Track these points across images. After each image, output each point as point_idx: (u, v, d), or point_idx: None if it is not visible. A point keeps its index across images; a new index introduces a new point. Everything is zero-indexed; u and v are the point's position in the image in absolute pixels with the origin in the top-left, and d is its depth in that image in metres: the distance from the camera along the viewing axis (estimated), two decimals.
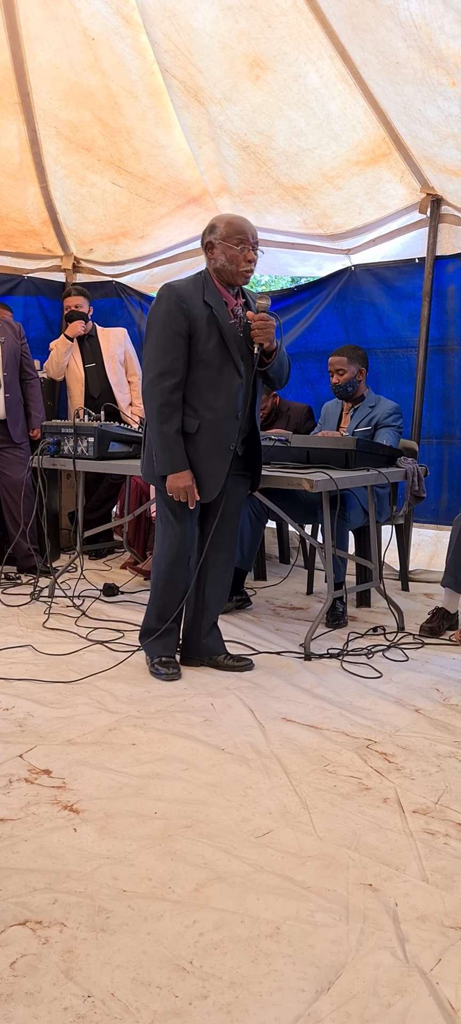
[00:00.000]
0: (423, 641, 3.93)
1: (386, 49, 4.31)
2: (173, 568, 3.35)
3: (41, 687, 3.18)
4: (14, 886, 1.83)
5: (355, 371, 4.60)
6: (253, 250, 3.25)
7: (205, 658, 3.49)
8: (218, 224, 3.28)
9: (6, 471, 5.05)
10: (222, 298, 3.26)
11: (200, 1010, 1.47)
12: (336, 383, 4.62)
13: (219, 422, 3.24)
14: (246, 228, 3.25)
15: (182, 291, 3.22)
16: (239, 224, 3.26)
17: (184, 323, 3.18)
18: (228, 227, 3.24)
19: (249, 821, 2.17)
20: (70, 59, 5.27)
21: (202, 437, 3.24)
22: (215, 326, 3.21)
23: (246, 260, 3.23)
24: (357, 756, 2.61)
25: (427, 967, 1.59)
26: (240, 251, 3.21)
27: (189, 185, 5.94)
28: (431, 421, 5.43)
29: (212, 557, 3.45)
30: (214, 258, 3.26)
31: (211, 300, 3.22)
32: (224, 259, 3.23)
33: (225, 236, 3.23)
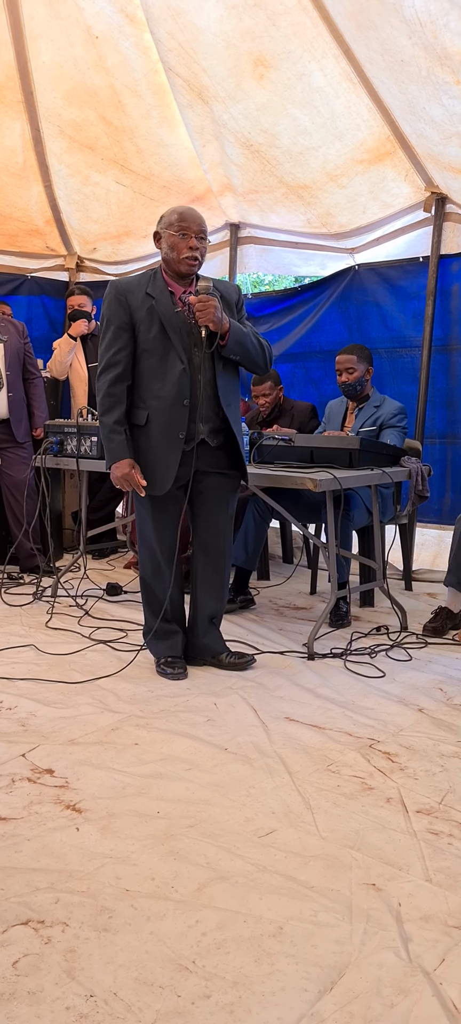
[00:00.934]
0: (426, 641, 3.92)
1: (391, 47, 4.30)
2: (152, 562, 3.39)
3: (44, 686, 3.18)
4: (16, 885, 1.83)
5: (363, 370, 4.58)
6: (197, 238, 3.22)
7: (207, 658, 3.48)
8: (165, 214, 3.29)
9: (9, 471, 5.05)
10: (167, 288, 3.27)
11: (203, 1010, 1.46)
12: (345, 381, 4.60)
13: (166, 410, 3.22)
14: (190, 217, 3.24)
15: (123, 285, 3.30)
16: (183, 213, 3.25)
17: (124, 315, 3.22)
18: (173, 216, 3.24)
19: (252, 821, 2.16)
20: (74, 58, 5.27)
21: (152, 427, 3.25)
22: (156, 315, 3.21)
23: (188, 247, 3.22)
24: (360, 756, 2.60)
25: (430, 967, 1.59)
26: (181, 239, 3.21)
27: (193, 184, 5.94)
28: (434, 421, 5.42)
29: (200, 557, 3.46)
30: (160, 247, 3.29)
31: (155, 292, 3.24)
32: (167, 247, 3.25)
33: (168, 224, 3.24)
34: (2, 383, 5.06)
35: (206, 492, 3.39)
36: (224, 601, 3.57)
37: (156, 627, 3.41)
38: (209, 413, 3.29)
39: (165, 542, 3.36)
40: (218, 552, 3.46)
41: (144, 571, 3.45)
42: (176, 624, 3.47)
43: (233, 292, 3.43)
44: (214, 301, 3.15)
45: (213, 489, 3.39)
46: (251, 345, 3.32)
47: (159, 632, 3.43)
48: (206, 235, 3.30)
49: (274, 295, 6.73)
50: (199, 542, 3.45)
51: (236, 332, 3.25)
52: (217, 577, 3.48)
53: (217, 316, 3.16)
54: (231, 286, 3.49)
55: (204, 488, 3.38)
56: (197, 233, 3.23)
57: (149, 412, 3.24)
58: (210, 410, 3.29)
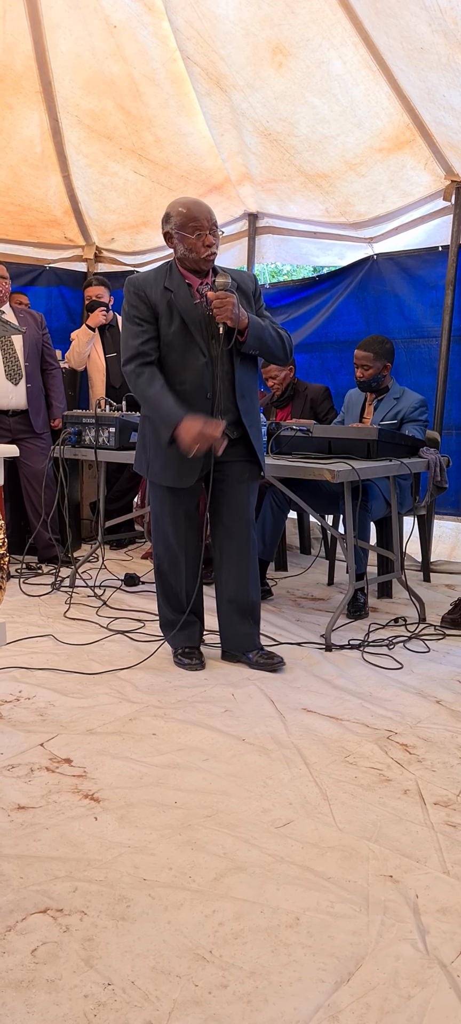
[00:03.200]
0: (444, 632, 3.91)
1: (410, 34, 4.27)
2: (169, 557, 3.37)
3: (62, 676, 3.19)
4: (35, 874, 1.84)
5: (380, 367, 4.55)
6: (211, 233, 3.18)
7: (239, 653, 3.42)
8: (172, 213, 3.22)
9: (27, 461, 5.08)
10: (185, 281, 3.23)
11: (220, 999, 1.47)
12: (360, 378, 4.58)
13: (188, 403, 3.16)
14: (200, 213, 3.18)
15: (140, 281, 3.24)
16: (192, 210, 3.19)
17: (145, 310, 3.19)
18: (181, 215, 3.18)
19: (269, 812, 2.17)
20: (92, 47, 5.27)
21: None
22: (176, 310, 3.18)
23: (205, 246, 3.17)
24: (378, 747, 2.59)
25: (448, 959, 1.58)
26: (197, 238, 3.16)
27: (211, 173, 5.93)
28: (451, 412, 5.38)
29: (225, 548, 3.41)
30: (174, 247, 3.25)
31: (172, 285, 3.21)
32: (183, 248, 3.20)
33: (179, 225, 3.19)
34: (21, 374, 5.08)
35: (227, 480, 3.35)
36: (258, 590, 3.48)
37: (173, 618, 3.40)
38: (228, 405, 3.26)
39: (182, 533, 3.35)
40: (243, 540, 3.40)
41: (160, 563, 3.43)
42: (193, 614, 3.44)
43: (249, 282, 3.39)
44: (232, 298, 3.11)
45: (234, 477, 3.35)
46: (269, 338, 3.29)
47: (171, 623, 3.41)
48: (217, 224, 3.25)
49: (291, 285, 6.70)
50: (223, 531, 3.40)
51: (255, 327, 3.21)
52: (244, 565, 3.40)
53: (235, 313, 3.12)
54: (247, 276, 3.44)
55: (225, 477, 3.34)
56: (210, 228, 3.18)
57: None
58: (229, 402, 3.26)
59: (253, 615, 3.44)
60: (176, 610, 3.41)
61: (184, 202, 3.25)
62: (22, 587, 4.59)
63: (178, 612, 3.40)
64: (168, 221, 3.24)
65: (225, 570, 3.41)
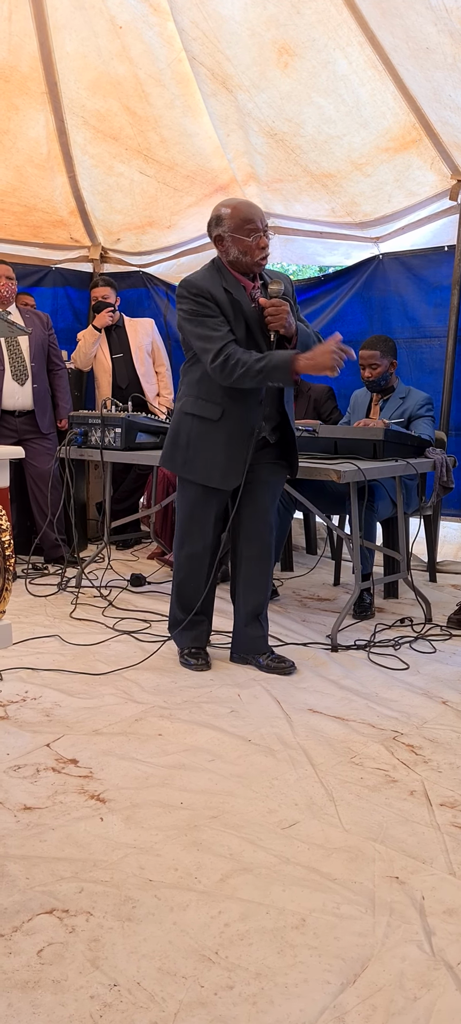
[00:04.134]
0: (451, 633, 3.90)
1: (416, 34, 4.26)
2: (193, 560, 3.33)
3: (68, 676, 3.20)
4: (41, 875, 1.85)
5: (387, 364, 4.55)
6: (265, 234, 3.13)
7: (249, 656, 3.40)
8: (224, 214, 3.14)
9: (33, 461, 5.08)
10: (240, 284, 3.17)
11: (226, 1000, 1.47)
12: (369, 377, 4.57)
13: (242, 406, 3.16)
14: (254, 214, 3.13)
15: (199, 282, 3.15)
16: (246, 211, 3.13)
17: (214, 307, 3.10)
18: (235, 217, 3.11)
19: (275, 812, 2.17)
20: (98, 48, 5.27)
21: (225, 423, 3.18)
22: (240, 311, 3.13)
23: (259, 248, 3.11)
24: (384, 748, 2.59)
25: (454, 961, 1.58)
26: (252, 241, 3.10)
27: (217, 173, 5.93)
28: (458, 412, 5.37)
29: (245, 551, 3.38)
30: (225, 251, 3.16)
31: (230, 287, 3.14)
32: (237, 251, 3.13)
33: (234, 228, 3.11)
34: (27, 374, 5.09)
35: (254, 482, 3.30)
36: (268, 594, 3.47)
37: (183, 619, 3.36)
38: (272, 411, 3.26)
39: (211, 536, 3.31)
40: (264, 545, 3.38)
41: (180, 563, 3.38)
42: (203, 614, 3.42)
43: (290, 286, 3.32)
44: (286, 306, 3.08)
45: (261, 481, 3.32)
46: (313, 344, 3.25)
47: (182, 622, 3.39)
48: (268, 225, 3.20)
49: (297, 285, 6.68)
50: (244, 534, 3.36)
51: (302, 335, 3.19)
52: (262, 570, 3.39)
53: (289, 321, 3.10)
54: (285, 278, 3.34)
55: (252, 479, 3.29)
56: (264, 230, 3.13)
57: (224, 408, 3.16)
58: (272, 408, 3.26)
59: (263, 614, 3.43)
60: (188, 611, 3.38)
61: (236, 204, 3.18)
62: (28, 587, 4.60)
63: (188, 612, 3.37)
64: (219, 223, 3.15)
65: (242, 572, 3.39)
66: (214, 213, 3.19)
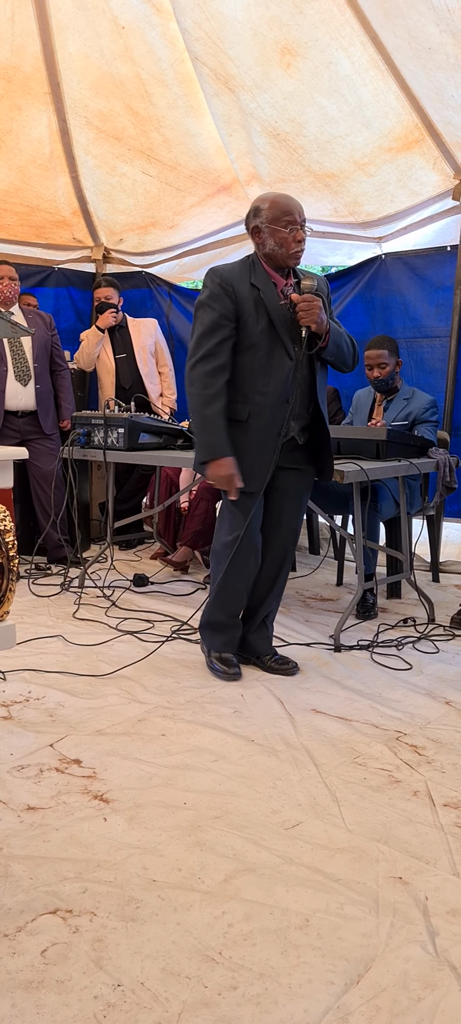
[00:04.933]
0: (454, 633, 3.90)
1: (418, 34, 4.26)
2: (238, 560, 3.20)
3: (71, 676, 3.20)
4: (45, 875, 1.85)
5: (394, 363, 4.55)
6: (302, 228, 3.07)
7: (252, 656, 3.38)
8: (262, 206, 3.09)
9: (37, 462, 5.09)
10: (270, 279, 3.11)
11: (229, 1001, 1.47)
12: (378, 377, 4.56)
13: (269, 407, 3.08)
14: (293, 207, 3.07)
15: (227, 274, 3.09)
16: (285, 203, 3.07)
17: (230, 305, 3.04)
18: (274, 208, 3.06)
19: (278, 813, 2.17)
20: (100, 48, 5.27)
21: (252, 424, 3.10)
22: (263, 308, 3.06)
23: (296, 241, 3.06)
24: (387, 748, 2.59)
25: (458, 961, 1.58)
26: (289, 232, 3.04)
27: (219, 174, 5.93)
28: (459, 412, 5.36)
29: (268, 557, 3.31)
30: (262, 242, 3.11)
31: (259, 282, 3.08)
32: (273, 243, 3.08)
33: (271, 219, 3.06)
34: (30, 375, 5.09)
35: (282, 489, 3.25)
36: (279, 601, 3.45)
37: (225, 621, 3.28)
38: (301, 411, 3.19)
39: (252, 538, 3.22)
40: (286, 553, 3.34)
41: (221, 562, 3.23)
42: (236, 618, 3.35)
43: (325, 287, 3.27)
44: (318, 302, 3.03)
45: (289, 487, 3.26)
46: (345, 345, 3.22)
47: (218, 624, 3.30)
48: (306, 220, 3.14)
49: None
50: (266, 539, 3.30)
51: (334, 333, 3.14)
52: (278, 577, 3.35)
53: (321, 317, 3.04)
54: (322, 280, 3.28)
55: (280, 484, 3.24)
56: (302, 224, 3.08)
57: (251, 408, 3.09)
58: (302, 408, 3.19)
59: (271, 619, 3.42)
60: (231, 615, 3.30)
61: (275, 196, 3.13)
62: (31, 588, 4.60)
63: (232, 617, 3.30)
64: (257, 215, 3.10)
65: (263, 576, 3.33)
66: (253, 205, 3.15)
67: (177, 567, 5.10)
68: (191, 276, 7.08)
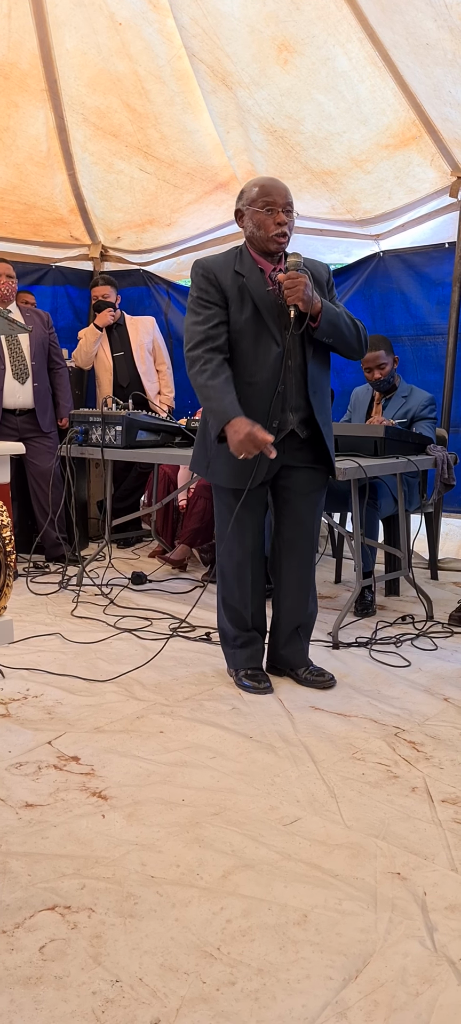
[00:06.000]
0: (452, 630, 3.90)
1: (416, 30, 4.26)
2: (236, 572, 3.11)
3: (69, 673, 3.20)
4: (43, 871, 1.85)
5: (392, 362, 4.55)
6: (284, 212, 2.95)
7: (286, 668, 3.22)
8: (246, 189, 3.02)
9: (34, 460, 5.09)
10: (257, 266, 3.00)
11: (228, 996, 1.47)
12: (378, 379, 4.55)
13: (259, 397, 2.95)
14: (274, 189, 2.96)
15: (209, 263, 3.03)
16: (267, 185, 2.98)
17: (215, 294, 2.95)
18: (255, 191, 2.97)
19: (277, 809, 2.17)
20: (97, 45, 5.26)
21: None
22: (248, 295, 2.95)
23: (275, 223, 2.94)
24: (385, 745, 2.59)
25: (456, 956, 1.58)
26: (268, 215, 2.94)
27: (217, 171, 5.92)
28: (459, 409, 5.37)
29: (286, 561, 3.18)
30: (244, 226, 3.03)
31: (244, 269, 2.98)
32: (252, 225, 2.98)
33: (251, 200, 2.97)
34: (27, 373, 5.09)
35: (294, 489, 3.11)
36: (313, 608, 3.25)
37: (235, 634, 3.17)
38: (300, 401, 3.02)
39: (247, 542, 3.08)
40: (305, 555, 3.18)
41: (224, 573, 3.16)
42: (257, 631, 3.19)
43: (323, 271, 3.15)
44: (304, 278, 2.88)
45: (301, 486, 3.11)
46: (345, 326, 3.03)
47: (237, 640, 3.17)
48: (293, 207, 3.01)
49: None
50: (284, 544, 3.17)
51: (328, 312, 2.96)
52: (303, 582, 3.18)
53: (307, 294, 2.88)
54: (321, 265, 3.17)
55: (291, 485, 3.11)
56: (284, 207, 2.95)
57: (240, 398, 2.91)
58: (301, 398, 3.02)
59: (306, 631, 3.25)
60: (239, 627, 3.16)
61: (258, 179, 3.05)
62: (29, 586, 4.60)
63: (241, 629, 3.16)
64: (240, 197, 3.04)
65: (284, 583, 3.20)
66: (241, 189, 3.08)
67: (175, 565, 5.10)
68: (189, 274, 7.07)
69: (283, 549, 3.18)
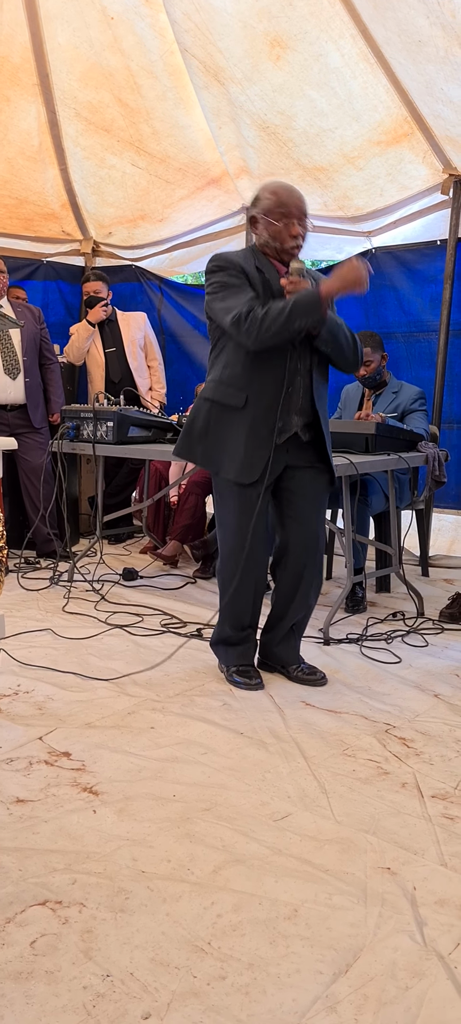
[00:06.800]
0: (443, 627, 3.91)
1: (408, 27, 4.26)
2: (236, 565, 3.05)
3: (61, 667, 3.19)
4: (34, 866, 1.85)
5: (379, 358, 4.56)
6: (299, 223, 2.96)
7: (278, 666, 3.22)
8: (261, 196, 3.00)
9: (26, 456, 5.07)
10: (273, 267, 3.00)
11: (218, 991, 1.47)
12: (364, 375, 4.57)
13: (267, 395, 2.94)
14: (290, 200, 2.95)
15: (232, 256, 3.01)
16: (282, 196, 2.96)
17: (246, 279, 2.94)
18: (270, 200, 2.96)
19: (268, 805, 2.17)
20: (89, 39, 5.25)
21: (250, 411, 2.95)
22: (270, 292, 2.93)
23: (291, 236, 2.95)
24: (376, 741, 2.60)
25: (445, 951, 1.59)
26: (283, 227, 2.94)
27: (209, 166, 5.91)
28: (451, 406, 5.39)
29: (291, 563, 3.15)
30: (258, 233, 3.03)
31: (263, 267, 2.99)
32: (267, 235, 2.98)
33: (267, 210, 2.96)
34: (19, 368, 5.08)
35: (297, 491, 3.10)
36: (310, 609, 3.25)
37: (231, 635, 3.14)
38: (305, 404, 3.02)
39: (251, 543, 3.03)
40: (309, 558, 3.14)
41: (223, 569, 3.13)
42: (251, 629, 3.18)
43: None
44: (306, 283, 2.90)
45: (304, 487, 3.10)
46: (343, 337, 3.04)
47: (231, 638, 3.16)
48: (307, 215, 3.01)
49: None
50: (289, 545, 3.14)
51: (329, 321, 2.96)
52: (301, 583, 3.15)
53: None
54: (319, 275, 3.16)
55: (294, 486, 3.10)
56: (299, 218, 2.96)
57: (249, 395, 2.94)
58: (305, 399, 3.02)
59: (300, 629, 3.26)
60: (235, 627, 3.14)
61: (274, 186, 3.02)
62: (21, 581, 4.59)
63: (237, 629, 3.14)
64: (256, 204, 3.02)
65: (287, 583, 3.17)
66: (255, 193, 3.05)
67: (166, 561, 5.10)
68: (181, 270, 7.06)
69: (289, 549, 3.15)
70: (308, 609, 3.24)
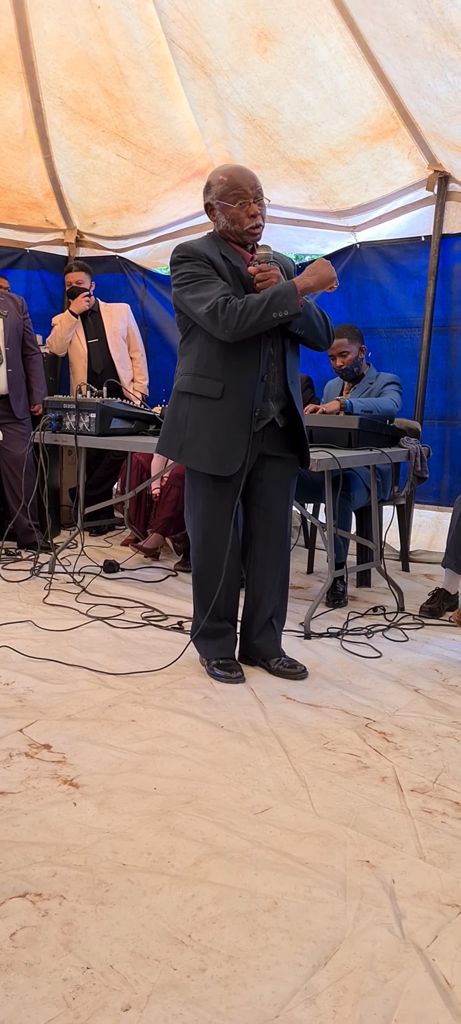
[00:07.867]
0: (423, 622, 3.93)
1: (396, 22, 4.26)
2: (210, 560, 3.07)
3: (41, 662, 3.18)
4: (14, 859, 1.84)
5: (356, 350, 4.57)
6: (256, 201, 2.92)
7: (259, 659, 3.22)
8: (213, 182, 2.97)
9: (7, 447, 5.04)
10: (238, 253, 2.98)
11: (198, 983, 1.48)
12: (341, 366, 4.59)
13: (243, 384, 2.92)
14: (243, 180, 2.91)
15: (196, 246, 2.96)
16: (235, 177, 2.92)
17: (212, 269, 2.90)
18: (223, 183, 2.92)
19: (248, 798, 2.18)
20: (76, 27, 5.21)
21: (226, 402, 2.92)
22: (238, 278, 2.91)
23: (249, 216, 2.92)
24: (356, 735, 2.61)
25: (423, 944, 1.60)
26: (239, 208, 2.91)
27: (194, 158, 5.89)
28: (433, 402, 5.41)
29: (260, 553, 3.16)
30: (216, 220, 2.99)
31: (228, 254, 2.96)
32: (225, 220, 2.95)
33: (221, 194, 2.92)
34: (1, 359, 5.04)
35: (266, 479, 3.10)
36: (285, 599, 3.27)
37: (208, 626, 3.13)
38: (280, 390, 3.02)
39: (221, 529, 3.03)
40: (279, 547, 3.17)
41: (197, 560, 3.12)
42: (228, 621, 3.17)
43: (290, 265, 3.18)
44: (275, 270, 2.88)
45: (273, 476, 3.11)
46: (315, 317, 3.01)
47: (209, 631, 3.15)
48: (262, 192, 2.96)
49: None
50: (257, 534, 3.15)
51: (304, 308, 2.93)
52: (276, 573, 3.18)
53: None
54: (287, 259, 3.18)
55: (264, 475, 3.10)
56: (254, 196, 2.91)
57: (225, 384, 2.91)
58: (280, 385, 3.02)
59: (279, 621, 3.26)
60: (211, 618, 3.12)
61: (225, 169, 2.98)
62: (1, 573, 4.57)
63: (213, 620, 3.13)
64: (209, 191, 2.98)
65: (257, 573, 3.18)
66: (207, 180, 3.02)
67: (148, 553, 5.09)
68: (165, 262, 7.04)
69: (257, 541, 3.17)
70: (282, 599, 3.24)
